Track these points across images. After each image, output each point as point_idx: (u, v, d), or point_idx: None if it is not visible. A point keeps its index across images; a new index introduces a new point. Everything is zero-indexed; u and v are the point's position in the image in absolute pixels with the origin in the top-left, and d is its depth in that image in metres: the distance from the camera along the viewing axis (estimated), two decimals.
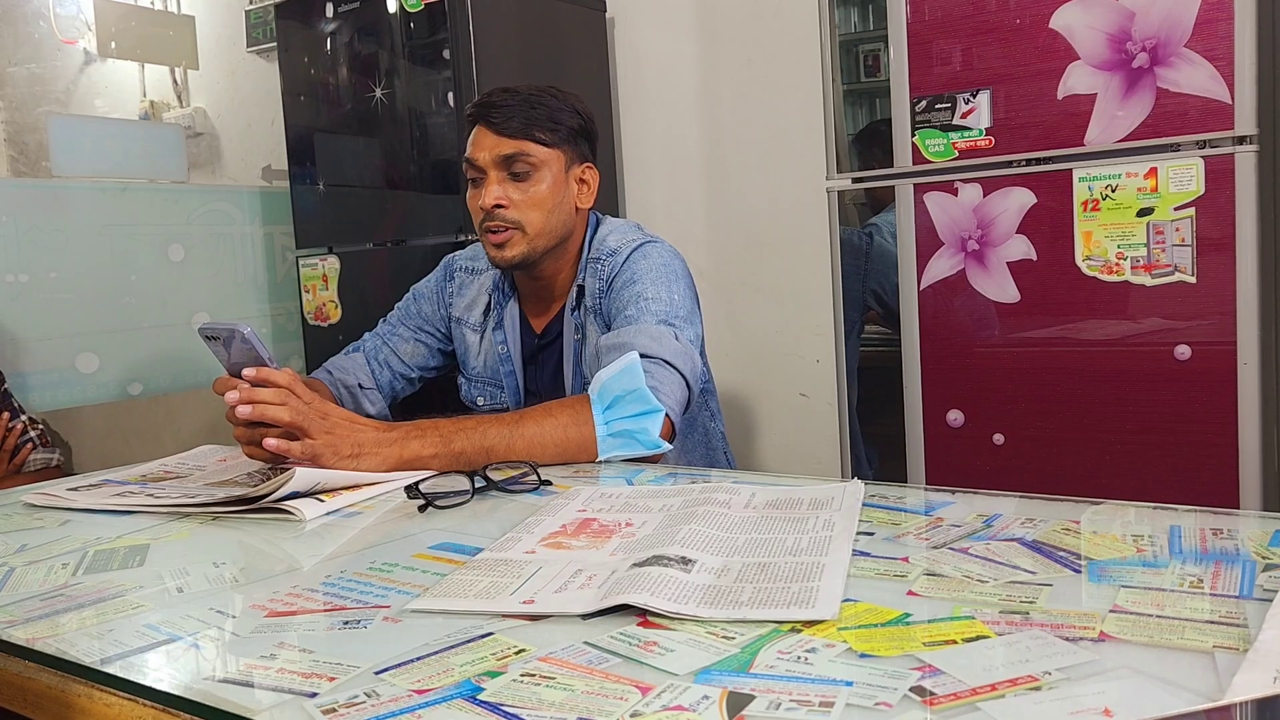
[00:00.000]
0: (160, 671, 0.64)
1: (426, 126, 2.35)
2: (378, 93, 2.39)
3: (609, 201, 2.67)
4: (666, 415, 1.29)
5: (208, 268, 2.59)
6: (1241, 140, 1.53)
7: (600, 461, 1.25)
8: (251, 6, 3.30)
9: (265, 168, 3.20)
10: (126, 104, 3.57)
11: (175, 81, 3.54)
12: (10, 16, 3.40)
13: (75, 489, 1.22)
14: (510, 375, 1.62)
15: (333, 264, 2.56)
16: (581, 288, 1.54)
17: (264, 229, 2.72)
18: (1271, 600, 0.63)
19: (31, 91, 3.50)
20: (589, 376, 1.52)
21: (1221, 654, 0.56)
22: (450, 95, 2.27)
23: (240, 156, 3.43)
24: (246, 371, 1.17)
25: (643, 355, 1.32)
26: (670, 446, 1.29)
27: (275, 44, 2.70)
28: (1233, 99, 1.52)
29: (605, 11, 2.69)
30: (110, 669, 0.64)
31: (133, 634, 0.70)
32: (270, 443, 1.12)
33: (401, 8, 2.32)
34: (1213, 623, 0.61)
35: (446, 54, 2.27)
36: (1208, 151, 1.55)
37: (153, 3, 3.48)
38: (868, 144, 1.96)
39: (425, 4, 2.28)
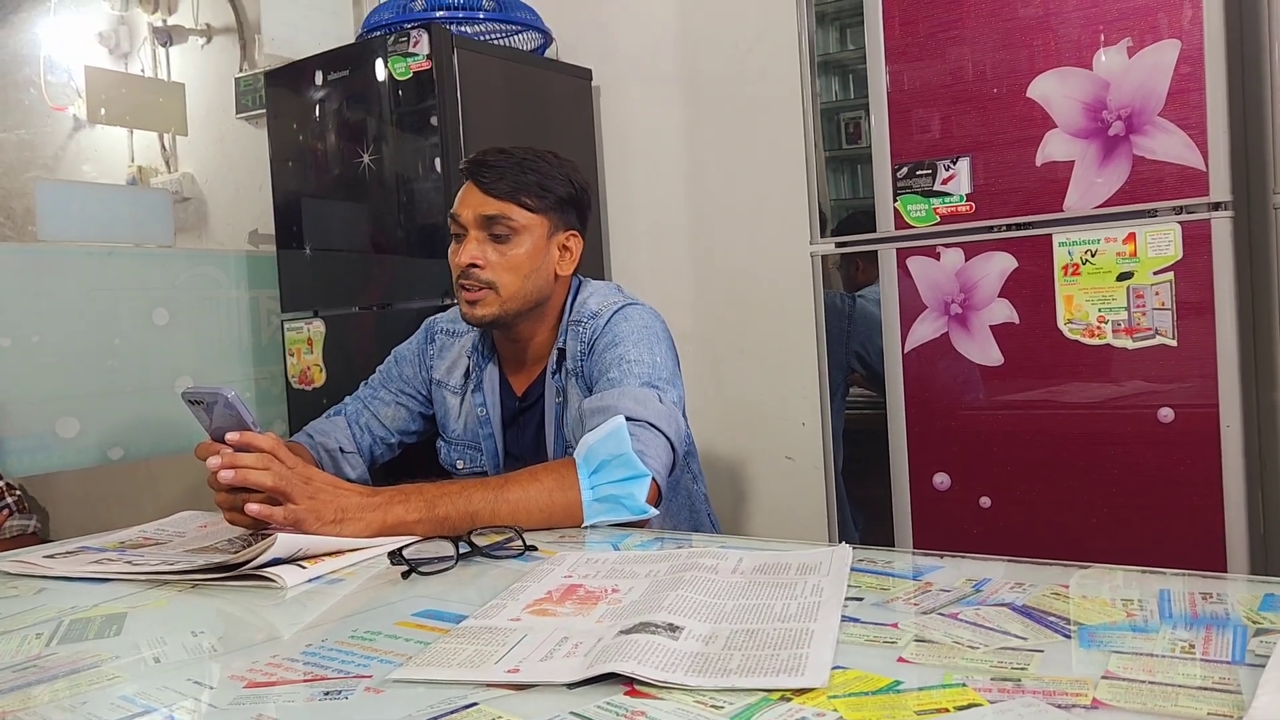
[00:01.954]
0: None
1: (413, 192, 2.37)
2: (365, 158, 2.41)
3: (594, 266, 2.69)
4: (653, 479, 1.29)
5: (192, 331, 2.58)
6: (1216, 206, 1.56)
7: (586, 526, 1.24)
8: (241, 74, 3.34)
9: (252, 232, 3.21)
10: (115, 169, 3.60)
11: (164, 147, 3.57)
12: (1, 84, 3.43)
13: (52, 556, 1.20)
14: (489, 438, 1.61)
15: (318, 328, 2.56)
16: (562, 350, 1.54)
17: (249, 293, 2.72)
18: (1264, 665, 0.62)
19: (20, 157, 3.52)
20: (570, 439, 1.51)
21: None
22: (437, 161, 2.29)
23: (227, 221, 3.45)
24: (230, 436, 1.16)
25: (627, 418, 1.31)
26: (656, 512, 1.28)
27: (264, 111, 2.73)
28: (1207, 166, 1.55)
29: (591, 80, 2.73)
30: None
31: (107, 706, 0.69)
32: (252, 508, 1.11)
33: (390, 75, 2.35)
34: (1206, 689, 0.60)
35: (434, 120, 2.30)
36: (1184, 217, 1.58)
37: (143, 70, 3.52)
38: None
39: (413, 72, 2.31)
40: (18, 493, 2.05)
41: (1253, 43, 1.69)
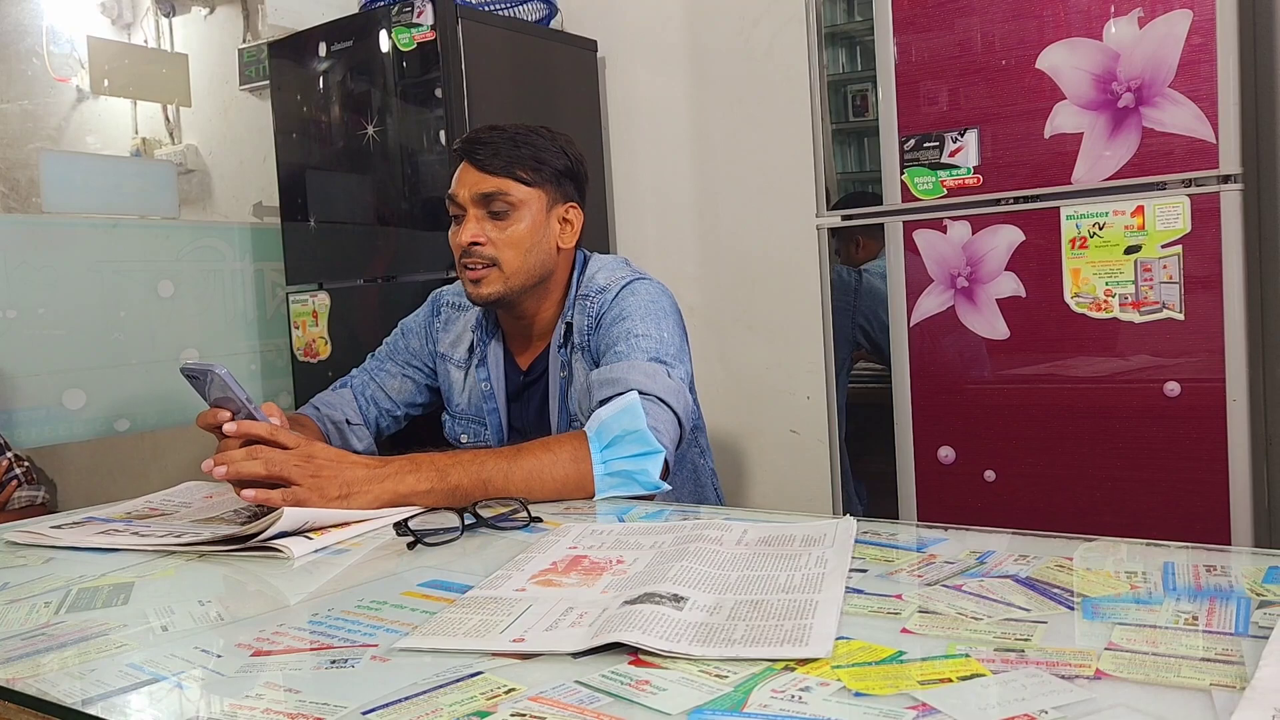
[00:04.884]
0: (143, 713, 0.63)
1: (418, 164, 2.36)
2: (369, 130, 2.40)
3: (600, 239, 2.68)
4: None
5: (197, 304, 2.58)
6: (1226, 179, 1.55)
7: (596, 499, 1.24)
8: (245, 45, 3.32)
9: (256, 204, 3.20)
10: (119, 141, 3.58)
11: (167, 119, 3.55)
12: (3, 54, 3.42)
13: (59, 526, 1.21)
14: (493, 413, 1.61)
15: (323, 300, 2.56)
16: (569, 325, 1.54)
17: (254, 265, 2.71)
18: (1267, 637, 0.62)
19: (24, 128, 3.51)
20: (575, 413, 1.51)
21: (1219, 692, 0.56)
22: (441, 133, 2.28)
23: (232, 193, 3.44)
24: (226, 427, 1.15)
25: (638, 392, 1.31)
26: (668, 487, 1.28)
27: (268, 82, 2.71)
28: (1217, 138, 1.54)
29: (596, 51, 2.71)
30: (92, 710, 0.63)
31: (115, 674, 0.69)
32: (248, 494, 1.09)
33: (394, 46, 2.34)
34: (1209, 660, 0.60)
35: (438, 92, 2.29)
36: (1193, 190, 1.57)
37: (146, 41, 3.50)
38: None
39: (417, 43, 2.30)
40: (26, 464, 2.06)
41: (1265, 13, 1.68)
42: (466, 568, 0.93)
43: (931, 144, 1.77)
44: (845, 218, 1.93)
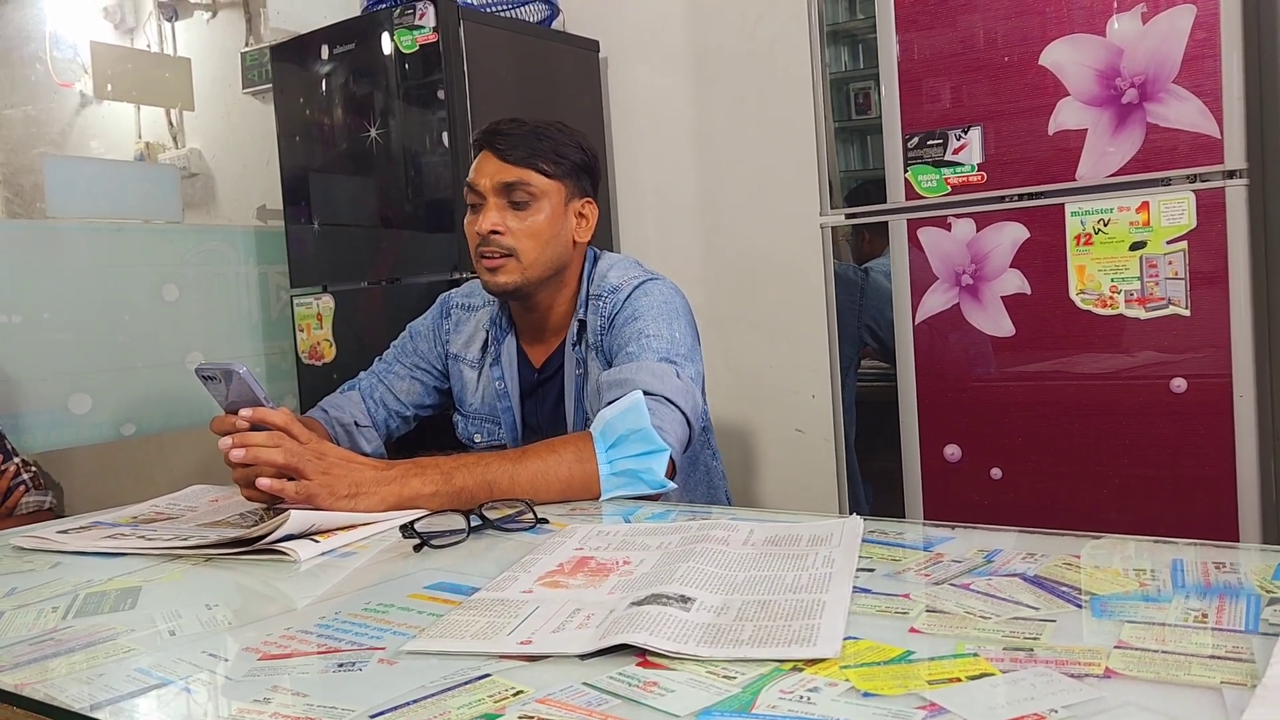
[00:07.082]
0: (151, 717, 0.63)
1: (421, 166, 2.36)
2: (372, 132, 2.40)
3: (603, 238, 2.68)
4: (669, 455, 1.28)
5: (202, 307, 2.59)
6: (1231, 174, 1.54)
7: (603, 500, 1.24)
8: (247, 48, 3.32)
9: (260, 207, 3.21)
10: (122, 145, 3.59)
11: (171, 123, 3.56)
12: (7, 59, 3.43)
13: (65, 531, 1.21)
14: (508, 411, 1.61)
15: (327, 303, 2.56)
16: (583, 323, 1.54)
17: (258, 268, 2.72)
18: (1278, 634, 0.62)
19: (27, 133, 3.52)
20: (590, 411, 1.51)
21: (1230, 690, 0.56)
22: (445, 135, 2.28)
23: (235, 197, 3.44)
24: (243, 412, 1.16)
25: (645, 393, 1.31)
26: (674, 486, 1.28)
27: (271, 85, 2.72)
28: (1222, 134, 1.54)
29: (599, 51, 2.71)
30: (100, 714, 0.63)
31: (123, 678, 0.69)
32: (264, 482, 1.11)
33: (396, 49, 2.34)
34: (1219, 658, 0.60)
35: (441, 94, 2.29)
36: (1198, 186, 1.56)
37: (149, 46, 3.51)
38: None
39: (420, 45, 2.30)
40: (33, 469, 2.06)
41: (1269, 7, 1.67)
42: (473, 570, 0.93)
43: (935, 141, 1.77)
44: (849, 216, 1.92)
